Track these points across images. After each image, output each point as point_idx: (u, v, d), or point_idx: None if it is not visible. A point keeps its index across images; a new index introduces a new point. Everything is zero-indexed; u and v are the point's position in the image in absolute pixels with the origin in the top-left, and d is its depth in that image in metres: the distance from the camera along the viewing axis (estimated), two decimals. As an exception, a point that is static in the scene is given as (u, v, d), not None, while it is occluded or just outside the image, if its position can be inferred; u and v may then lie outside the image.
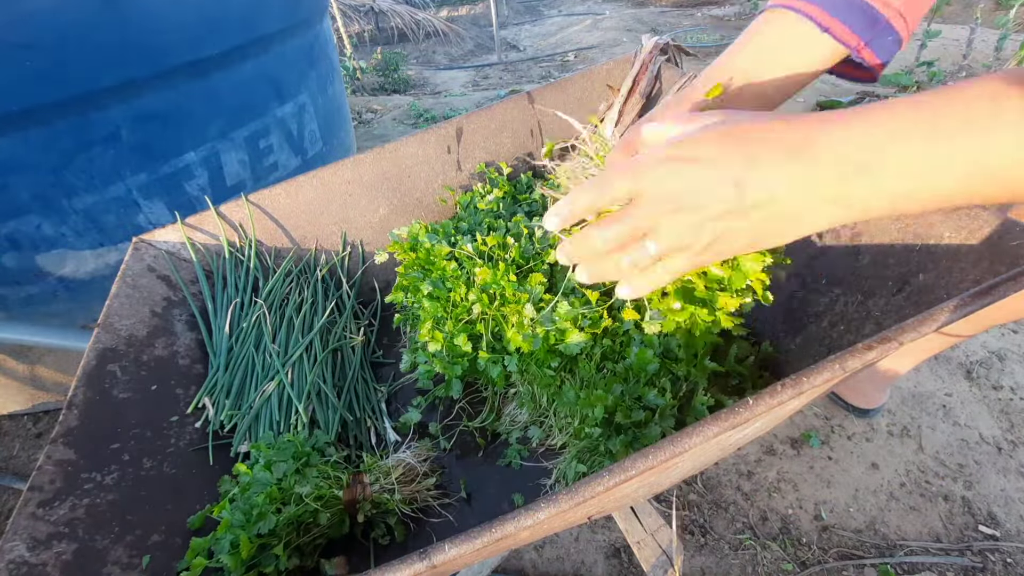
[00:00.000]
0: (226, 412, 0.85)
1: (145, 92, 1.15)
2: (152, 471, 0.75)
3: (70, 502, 0.65)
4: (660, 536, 0.82)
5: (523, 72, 4.58)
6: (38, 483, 0.65)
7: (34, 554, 0.59)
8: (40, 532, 0.61)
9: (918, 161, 0.34)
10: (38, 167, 1.07)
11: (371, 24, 6.03)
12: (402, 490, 0.74)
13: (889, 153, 0.35)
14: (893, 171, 0.35)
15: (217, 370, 0.91)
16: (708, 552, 1.04)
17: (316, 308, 1.02)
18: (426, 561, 0.42)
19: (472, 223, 1.05)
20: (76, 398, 0.74)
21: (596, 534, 1.08)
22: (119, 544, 0.65)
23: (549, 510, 0.42)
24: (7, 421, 1.54)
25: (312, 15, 1.62)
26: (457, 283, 0.87)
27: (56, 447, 0.69)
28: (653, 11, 5.68)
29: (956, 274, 0.56)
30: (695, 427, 0.43)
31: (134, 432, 0.77)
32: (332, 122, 1.73)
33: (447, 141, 1.17)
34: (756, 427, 0.53)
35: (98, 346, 0.81)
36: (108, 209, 1.18)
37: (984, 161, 0.33)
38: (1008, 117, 0.32)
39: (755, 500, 1.11)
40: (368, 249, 1.17)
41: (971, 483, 1.09)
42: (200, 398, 0.87)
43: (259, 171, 1.43)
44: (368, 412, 0.91)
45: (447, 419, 0.91)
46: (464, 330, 0.83)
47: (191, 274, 1.02)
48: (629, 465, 0.42)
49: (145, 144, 1.18)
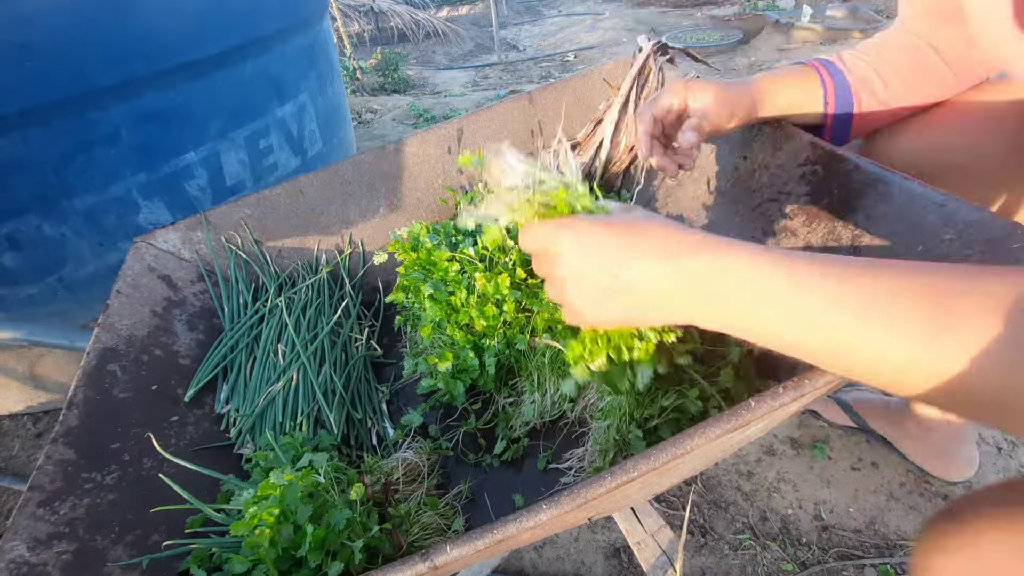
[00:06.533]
0: (236, 414, 0.85)
1: (145, 92, 1.15)
2: (152, 471, 0.75)
3: (70, 502, 0.65)
4: (660, 536, 0.82)
5: (523, 72, 4.58)
6: (38, 483, 0.64)
7: (34, 554, 0.59)
8: (40, 532, 0.61)
9: (747, 314, 0.41)
10: (38, 167, 1.07)
11: (371, 24, 6.03)
12: (403, 490, 0.74)
13: (731, 298, 0.41)
14: (731, 312, 0.42)
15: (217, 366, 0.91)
16: (708, 552, 1.04)
17: (322, 309, 1.02)
18: (427, 562, 0.42)
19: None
20: (76, 398, 0.74)
21: (596, 534, 1.08)
22: (119, 544, 0.65)
23: (551, 511, 0.42)
24: (7, 421, 1.53)
25: (312, 15, 1.62)
26: (459, 287, 0.87)
27: (56, 447, 0.69)
28: (653, 11, 5.67)
29: (957, 275, 0.56)
30: (696, 429, 0.43)
31: (134, 432, 0.77)
32: (332, 122, 1.73)
33: (447, 141, 1.17)
34: (757, 428, 0.53)
35: (98, 346, 0.81)
36: (108, 209, 1.18)
37: (781, 334, 0.40)
38: (808, 305, 0.38)
39: (755, 500, 1.11)
40: (368, 249, 1.17)
41: (971, 483, 1.09)
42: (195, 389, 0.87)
43: (259, 171, 1.43)
44: (369, 413, 0.91)
45: (448, 420, 0.91)
46: (468, 341, 0.84)
47: (192, 274, 1.02)
48: (631, 467, 0.42)
49: (145, 144, 1.18)
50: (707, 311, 0.43)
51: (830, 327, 0.37)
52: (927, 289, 0.35)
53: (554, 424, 0.86)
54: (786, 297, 0.39)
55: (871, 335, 0.36)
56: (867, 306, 0.36)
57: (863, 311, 0.36)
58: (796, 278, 0.38)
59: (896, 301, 0.35)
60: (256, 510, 0.60)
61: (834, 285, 0.37)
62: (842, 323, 0.37)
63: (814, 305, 0.38)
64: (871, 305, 0.36)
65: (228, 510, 0.69)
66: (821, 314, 0.37)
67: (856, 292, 0.37)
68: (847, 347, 0.37)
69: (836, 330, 0.37)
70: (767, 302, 0.39)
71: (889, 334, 0.35)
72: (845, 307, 0.37)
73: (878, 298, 0.36)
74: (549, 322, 0.81)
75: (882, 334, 0.35)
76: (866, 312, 0.36)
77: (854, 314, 0.36)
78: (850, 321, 0.36)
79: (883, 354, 0.36)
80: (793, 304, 0.38)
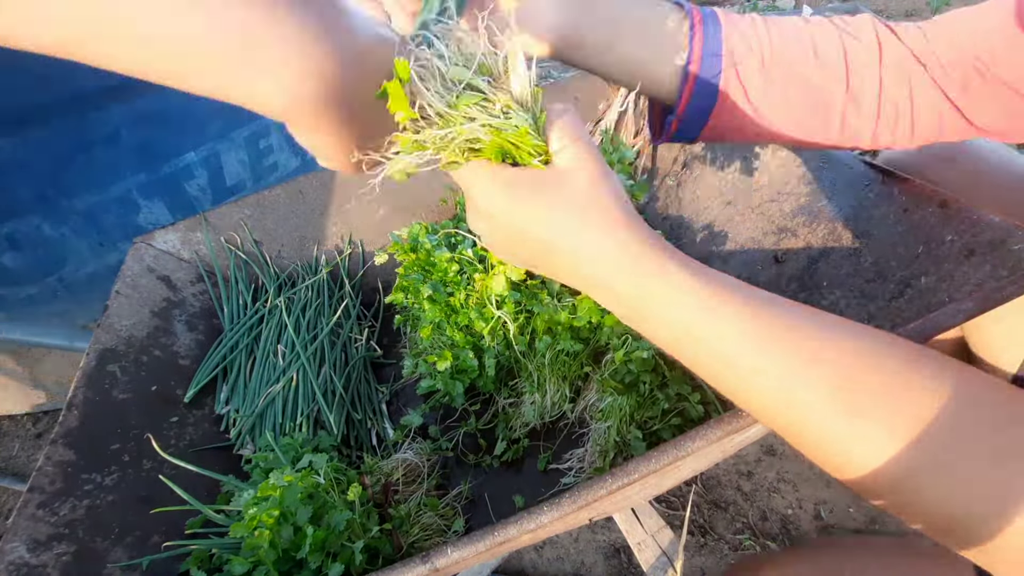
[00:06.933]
0: (236, 415, 0.85)
1: (145, 92, 1.14)
2: (152, 472, 0.75)
3: (70, 503, 0.65)
4: (661, 537, 0.82)
5: (523, 72, 4.57)
6: (38, 484, 0.64)
7: (34, 555, 0.59)
8: (40, 533, 0.61)
9: (649, 321, 0.39)
10: (38, 167, 1.07)
11: (371, 23, 6.03)
12: (403, 491, 0.74)
13: (648, 322, 0.40)
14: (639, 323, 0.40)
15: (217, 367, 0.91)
16: (708, 552, 1.04)
17: (321, 309, 1.02)
18: (428, 564, 0.42)
19: (473, 224, 1.05)
20: (76, 398, 0.74)
21: (596, 534, 1.08)
22: (119, 545, 0.65)
23: (552, 513, 0.42)
24: (7, 421, 1.54)
25: (312, 15, 1.62)
26: (458, 288, 0.87)
27: (56, 448, 0.69)
28: (653, 11, 5.67)
29: (959, 277, 0.56)
30: (698, 431, 0.43)
31: (134, 433, 0.77)
32: (332, 122, 1.73)
33: (448, 141, 1.17)
34: (758, 429, 0.53)
35: (98, 346, 0.81)
36: (108, 209, 1.18)
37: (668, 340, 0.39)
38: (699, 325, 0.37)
39: (755, 500, 1.11)
40: (368, 249, 1.17)
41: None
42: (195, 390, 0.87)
43: (259, 171, 1.43)
44: (369, 413, 0.91)
45: (448, 420, 0.91)
46: (468, 343, 0.84)
47: (191, 275, 1.02)
48: (632, 468, 0.42)
49: (145, 144, 1.18)
50: (619, 312, 0.42)
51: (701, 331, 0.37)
52: (832, 344, 0.35)
53: (554, 425, 0.86)
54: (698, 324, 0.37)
55: (761, 376, 0.35)
56: (763, 333, 0.36)
57: (753, 335, 0.36)
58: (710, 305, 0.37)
59: (800, 348, 0.35)
60: (256, 511, 0.60)
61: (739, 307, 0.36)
62: (718, 331, 0.36)
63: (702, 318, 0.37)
64: (767, 332, 0.35)
65: (228, 511, 0.69)
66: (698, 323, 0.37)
67: (756, 319, 0.36)
68: (724, 356, 0.37)
69: (711, 339, 0.37)
70: (681, 327, 0.38)
71: (762, 356, 0.35)
72: (730, 322, 0.36)
73: (773, 327, 0.35)
74: (549, 323, 0.81)
75: (757, 357, 0.35)
76: (755, 334, 0.36)
77: (739, 332, 0.36)
78: (734, 335, 0.36)
79: (758, 370, 0.35)
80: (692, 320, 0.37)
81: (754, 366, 0.35)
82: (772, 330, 0.35)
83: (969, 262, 0.55)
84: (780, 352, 0.35)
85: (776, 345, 0.35)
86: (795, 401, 0.34)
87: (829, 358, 0.34)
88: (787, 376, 0.35)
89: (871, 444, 0.32)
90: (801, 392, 0.34)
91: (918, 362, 0.33)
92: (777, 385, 0.35)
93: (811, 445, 0.35)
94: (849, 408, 0.33)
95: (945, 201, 0.59)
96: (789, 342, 0.35)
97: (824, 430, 0.34)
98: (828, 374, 0.34)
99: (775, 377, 0.35)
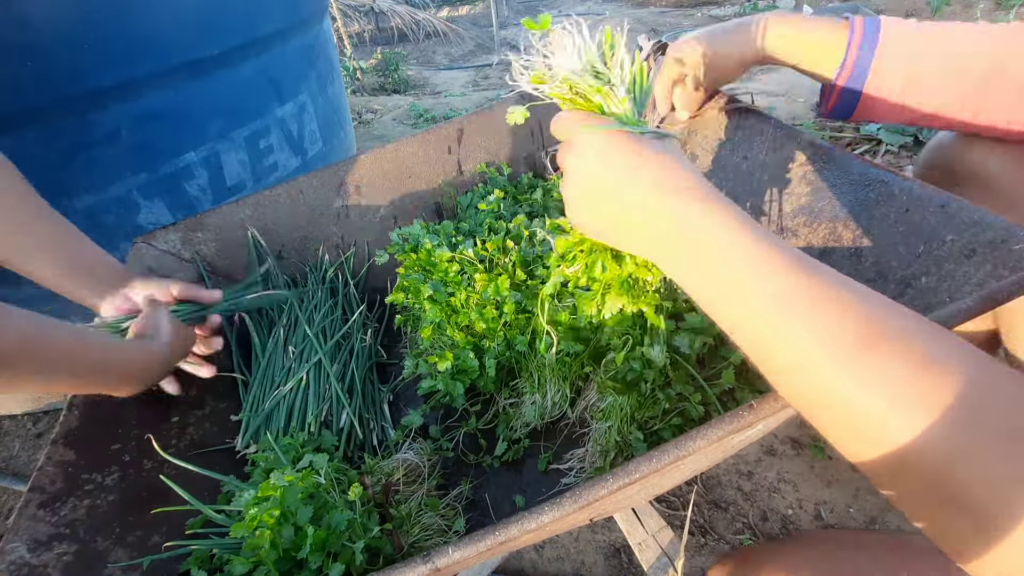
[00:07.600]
0: (244, 415, 0.85)
1: (145, 92, 1.14)
2: (153, 472, 0.74)
3: (71, 503, 0.65)
4: (661, 537, 0.82)
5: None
6: (39, 484, 0.64)
7: (35, 555, 0.59)
8: (41, 533, 0.61)
9: (699, 269, 0.43)
10: (38, 167, 1.07)
11: (371, 24, 6.03)
12: (404, 491, 0.74)
13: (699, 256, 0.43)
14: (688, 264, 0.44)
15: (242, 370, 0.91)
16: (708, 552, 1.04)
17: (328, 310, 1.02)
18: (429, 564, 0.42)
19: (473, 224, 1.05)
20: (76, 399, 0.74)
21: (596, 534, 1.08)
22: (120, 545, 0.65)
23: (553, 513, 0.42)
24: (7, 421, 1.53)
25: (312, 15, 1.62)
26: (459, 288, 0.87)
27: (57, 448, 0.68)
28: (653, 11, 5.67)
29: (959, 277, 0.56)
30: (699, 430, 0.43)
31: (135, 433, 0.77)
32: (332, 122, 1.73)
33: (448, 141, 1.17)
34: (759, 429, 0.53)
35: (99, 347, 0.81)
36: (108, 209, 1.17)
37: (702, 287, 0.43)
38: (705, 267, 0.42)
39: (755, 500, 1.11)
40: (368, 249, 1.17)
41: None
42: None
43: (259, 171, 1.43)
44: (372, 414, 0.91)
45: (449, 420, 0.91)
46: (469, 344, 0.84)
47: (192, 275, 1.02)
48: (633, 468, 0.42)
49: (145, 144, 1.18)
50: (670, 252, 0.45)
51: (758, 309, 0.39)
52: (863, 311, 0.35)
53: (555, 425, 0.86)
54: (743, 275, 0.40)
55: (790, 327, 0.37)
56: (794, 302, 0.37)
57: (790, 304, 0.37)
58: (759, 262, 0.39)
59: (830, 307, 0.36)
60: (257, 511, 0.60)
61: (784, 276, 0.38)
62: (766, 309, 0.38)
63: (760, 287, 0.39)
64: (797, 301, 0.37)
65: (229, 511, 0.69)
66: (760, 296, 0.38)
67: (796, 286, 0.37)
68: (767, 332, 0.38)
69: (760, 311, 0.38)
70: (717, 260, 0.41)
71: (808, 333, 0.36)
72: (774, 295, 0.38)
73: (813, 300, 0.37)
74: (549, 324, 0.81)
75: (800, 330, 0.36)
76: (792, 305, 0.37)
77: (780, 302, 0.37)
78: (775, 308, 0.37)
79: (797, 346, 0.36)
80: (741, 280, 0.40)
81: (795, 328, 0.37)
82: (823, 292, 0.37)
83: (970, 262, 0.55)
84: (811, 317, 0.36)
85: (817, 308, 0.36)
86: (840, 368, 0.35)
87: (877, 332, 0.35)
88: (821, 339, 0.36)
89: (908, 419, 0.32)
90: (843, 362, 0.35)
91: (961, 346, 0.34)
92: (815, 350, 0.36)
93: (841, 419, 0.36)
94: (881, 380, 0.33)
95: (945, 201, 0.59)
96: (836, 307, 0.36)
97: (857, 403, 0.34)
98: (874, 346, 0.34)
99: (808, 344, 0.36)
